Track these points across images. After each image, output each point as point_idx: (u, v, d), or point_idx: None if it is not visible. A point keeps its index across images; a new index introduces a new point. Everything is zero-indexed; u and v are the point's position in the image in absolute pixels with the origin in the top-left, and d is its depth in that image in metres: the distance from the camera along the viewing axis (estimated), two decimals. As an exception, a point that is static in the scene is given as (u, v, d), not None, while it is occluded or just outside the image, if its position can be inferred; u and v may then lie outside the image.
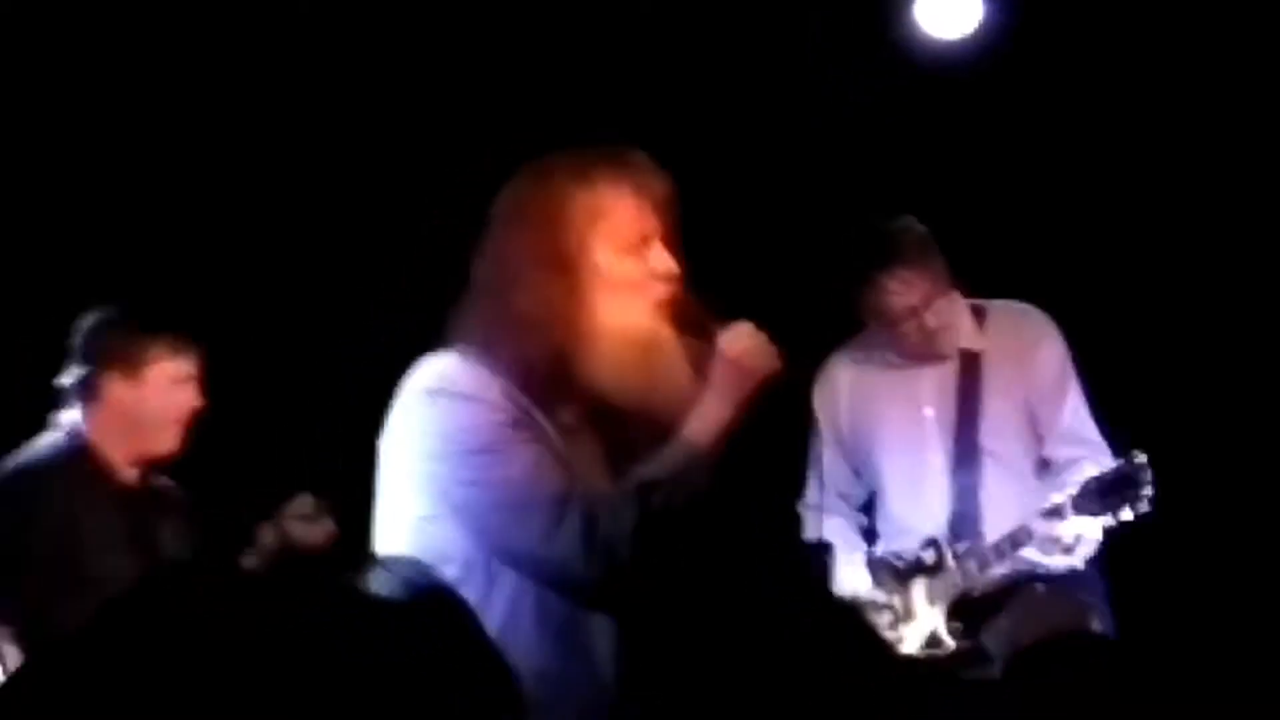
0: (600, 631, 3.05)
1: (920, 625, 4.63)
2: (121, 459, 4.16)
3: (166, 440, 4.18)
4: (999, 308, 4.81)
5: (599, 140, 3.21)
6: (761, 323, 3.11)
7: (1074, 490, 4.42)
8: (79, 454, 4.12)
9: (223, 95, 5.44)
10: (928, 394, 4.76)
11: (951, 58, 5.62)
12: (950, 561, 4.62)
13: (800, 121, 5.74)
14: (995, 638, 4.58)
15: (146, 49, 5.35)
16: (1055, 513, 4.42)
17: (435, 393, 3.04)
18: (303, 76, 5.51)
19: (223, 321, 4.87)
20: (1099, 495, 4.39)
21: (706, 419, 3.02)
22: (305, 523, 5.00)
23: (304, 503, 5.03)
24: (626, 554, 2.96)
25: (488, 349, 3.04)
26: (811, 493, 4.79)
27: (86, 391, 4.15)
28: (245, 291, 5.46)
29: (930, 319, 4.65)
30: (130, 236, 5.33)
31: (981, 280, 4.85)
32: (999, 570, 4.57)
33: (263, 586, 1.82)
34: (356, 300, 5.54)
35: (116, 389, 4.13)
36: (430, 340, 3.15)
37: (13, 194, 5.28)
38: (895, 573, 4.69)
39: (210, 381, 4.29)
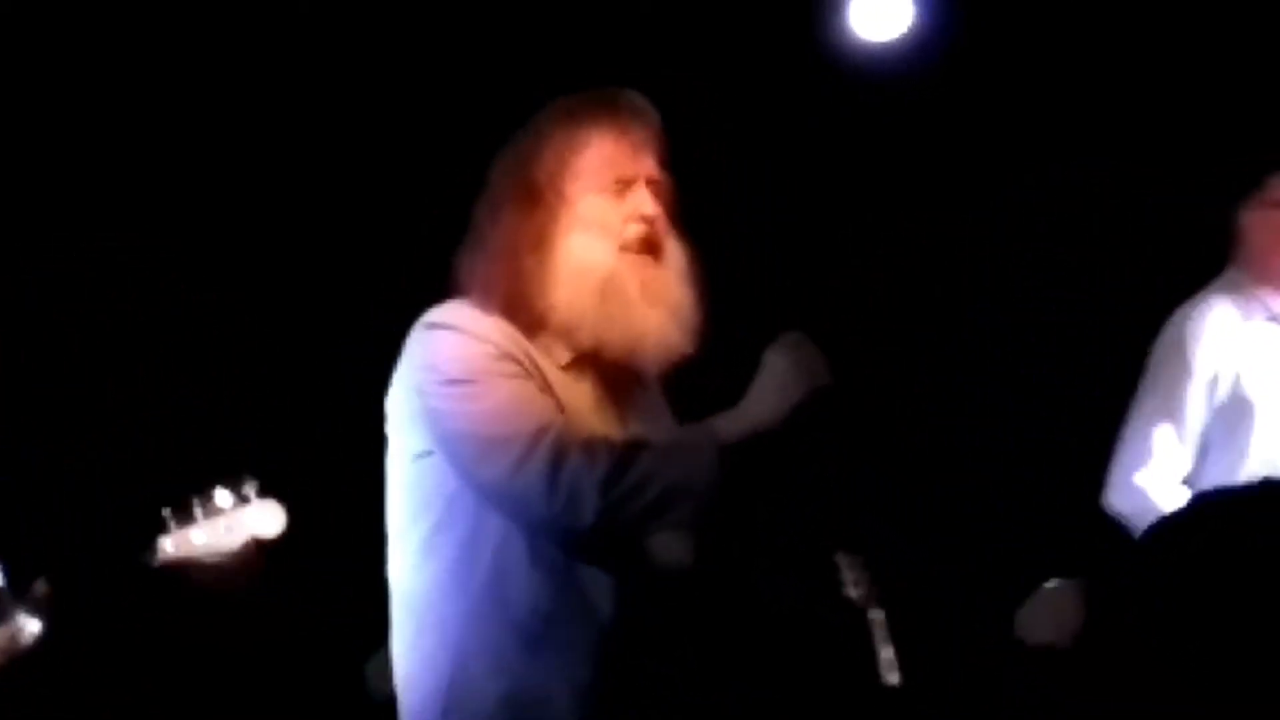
0: (595, 580, 3.03)
1: None
2: None
3: None
4: None
5: None
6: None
7: None
8: None
9: (219, 89, 5.40)
10: None
11: (884, 60, 5.65)
12: None
13: (733, 124, 5.74)
14: None
15: (143, 44, 5.30)
16: None
17: (427, 326, 3.08)
18: (300, 72, 5.48)
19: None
20: None
21: (740, 420, 2.99)
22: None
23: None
24: (595, 506, 2.91)
25: (467, 281, 3.09)
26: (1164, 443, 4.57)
27: None
28: (236, 289, 5.42)
29: None
30: (123, 234, 5.28)
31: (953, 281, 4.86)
32: None
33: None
34: (347, 301, 5.52)
35: None
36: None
37: (11, 194, 5.23)
38: None
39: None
